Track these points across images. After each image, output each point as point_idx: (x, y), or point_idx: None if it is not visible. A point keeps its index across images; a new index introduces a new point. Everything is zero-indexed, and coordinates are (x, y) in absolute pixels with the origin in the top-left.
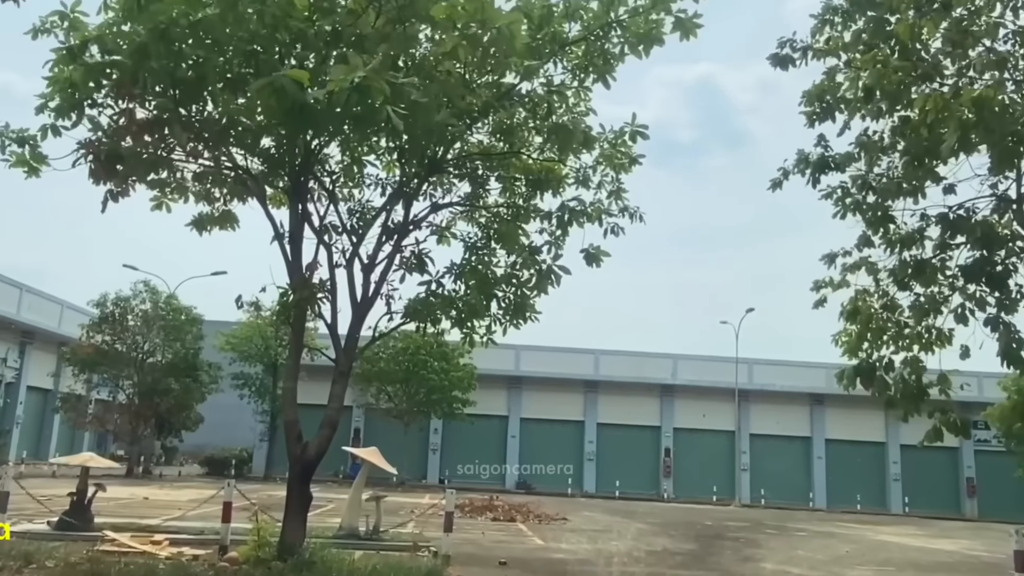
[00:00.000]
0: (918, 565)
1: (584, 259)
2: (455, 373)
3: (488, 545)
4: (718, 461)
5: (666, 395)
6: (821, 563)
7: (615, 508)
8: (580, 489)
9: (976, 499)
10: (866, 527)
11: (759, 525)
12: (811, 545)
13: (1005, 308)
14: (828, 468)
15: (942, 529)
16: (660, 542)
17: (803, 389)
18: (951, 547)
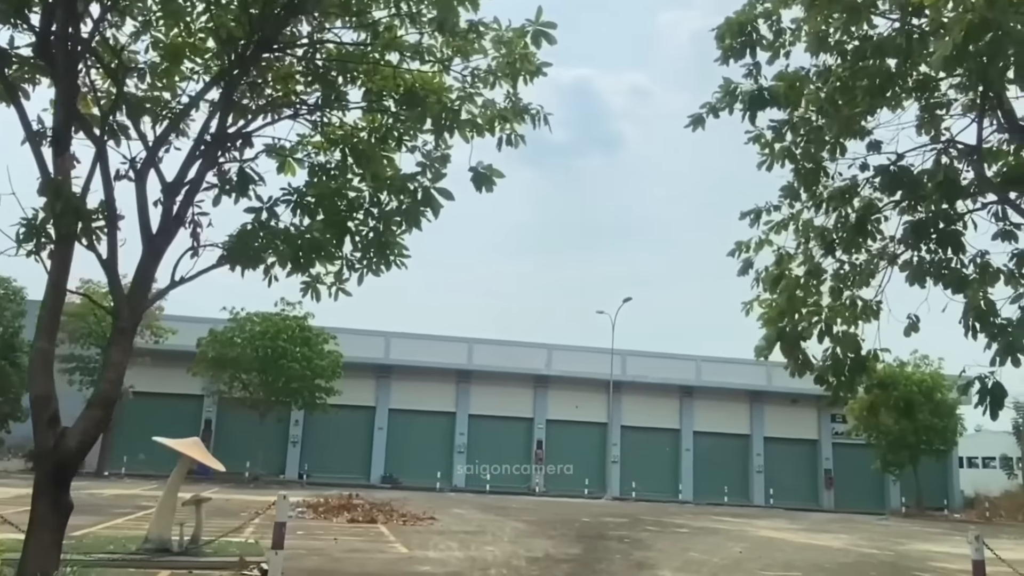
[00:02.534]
0: (822, 567)
1: (472, 181)
2: (319, 361)
3: (339, 556)
4: (590, 453)
5: (540, 386)
6: (721, 568)
7: (487, 504)
8: (450, 484)
9: (833, 490)
10: (741, 521)
11: (637, 522)
12: (700, 544)
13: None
14: (695, 461)
15: (812, 522)
16: (541, 546)
17: (674, 381)
18: (837, 543)
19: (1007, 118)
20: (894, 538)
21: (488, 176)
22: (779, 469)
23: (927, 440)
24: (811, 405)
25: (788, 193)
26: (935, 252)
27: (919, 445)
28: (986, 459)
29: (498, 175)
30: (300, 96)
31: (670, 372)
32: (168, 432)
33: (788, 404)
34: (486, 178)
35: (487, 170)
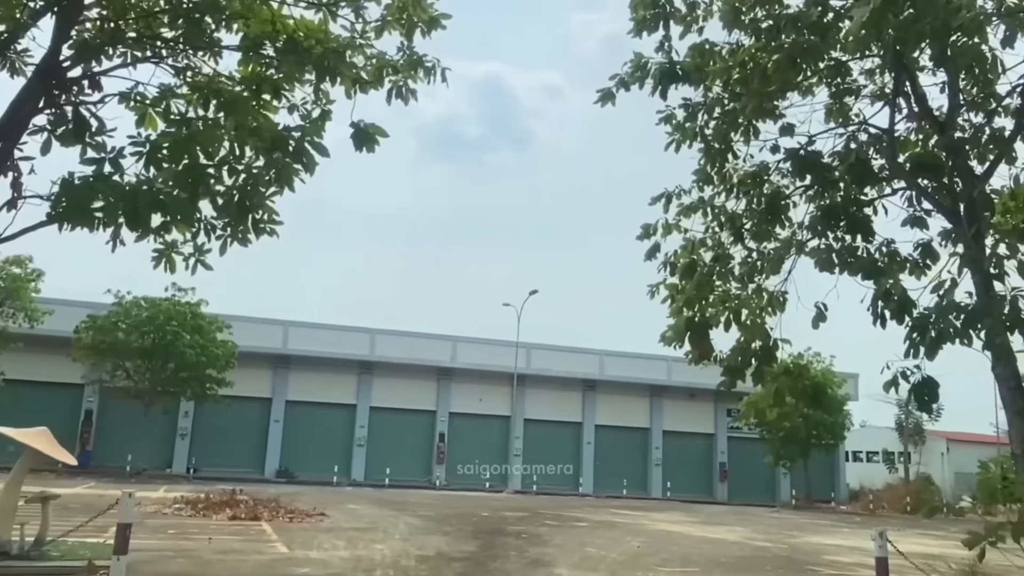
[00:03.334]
0: (719, 562)
1: (353, 138)
2: (212, 349)
3: (209, 559)
4: (492, 447)
5: (444, 378)
6: (619, 564)
7: (384, 499)
8: (348, 477)
9: (727, 483)
10: (639, 514)
11: (537, 516)
12: (598, 539)
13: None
14: (596, 454)
15: (708, 515)
16: (434, 543)
17: (577, 375)
18: (733, 537)
19: (919, 102)
20: (786, 530)
21: (370, 134)
22: (677, 462)
23: (817, 435)
24: (708, 400)
25: (699, 176)
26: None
27: (809, 440)
28: (870, 453)
29: (381, 133)
30: (164, 39)
31: (574, 366)
32: (43, 423)
33: (687, 398)
34: (368, 136)
35: (370, 127)
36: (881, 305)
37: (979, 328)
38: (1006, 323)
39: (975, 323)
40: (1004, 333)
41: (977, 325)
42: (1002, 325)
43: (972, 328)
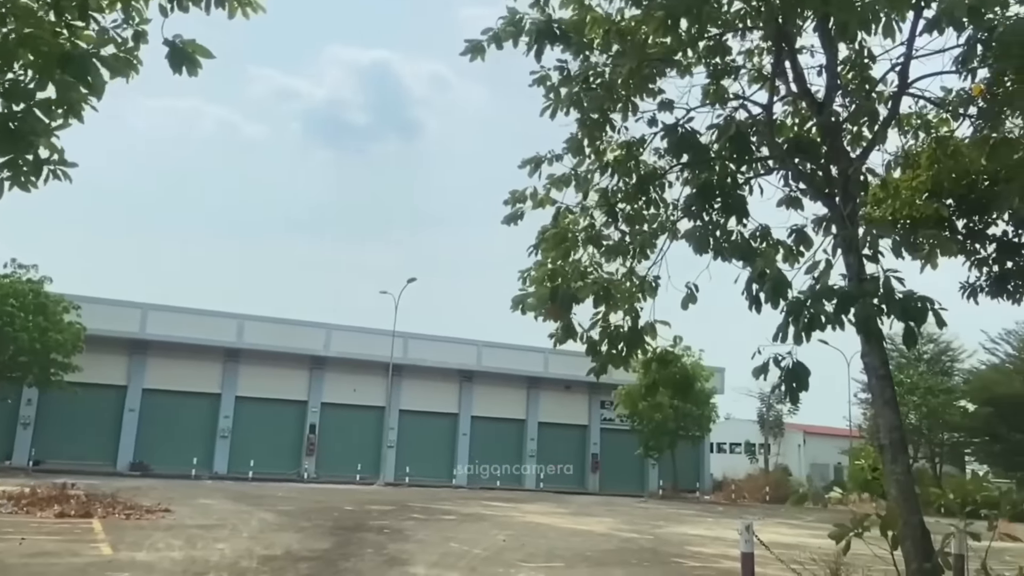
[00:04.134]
0: (585, 556)
1: (168, 58)
2: (55, 333)
3: (11, 563)
4: (366, 438)
5: (316, 367)
6: (481, 560)
7: (244, 492)
8: (210, 470)
9: (599, 474)
10: (510, 506)
11: (405, 508)
12: (464, 533)
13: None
14: (472, 445)
15: (579, 506)
16: (285, 541)
17: (454, 366)
18: (602, 528)
19: (797, 81)
20: (653, 521)
21: (189, 53)
22: (551, 453)
23: (685, 427)
24: (583, 391)
25: (571, 146)
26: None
27: (678, 431)
28: (733, 445)
29: (204, 53)
30: None
31: (451, 356)
32: None
33: (562, 390)
34: (186, 55)
35: (188, 45)
36: (756, 288)
37: (851, 312)
38: (878, 307)
39: (848, 307)
40: (876, 317)
41: (850, 309)
42: (874, 308)
43: (844, 312)
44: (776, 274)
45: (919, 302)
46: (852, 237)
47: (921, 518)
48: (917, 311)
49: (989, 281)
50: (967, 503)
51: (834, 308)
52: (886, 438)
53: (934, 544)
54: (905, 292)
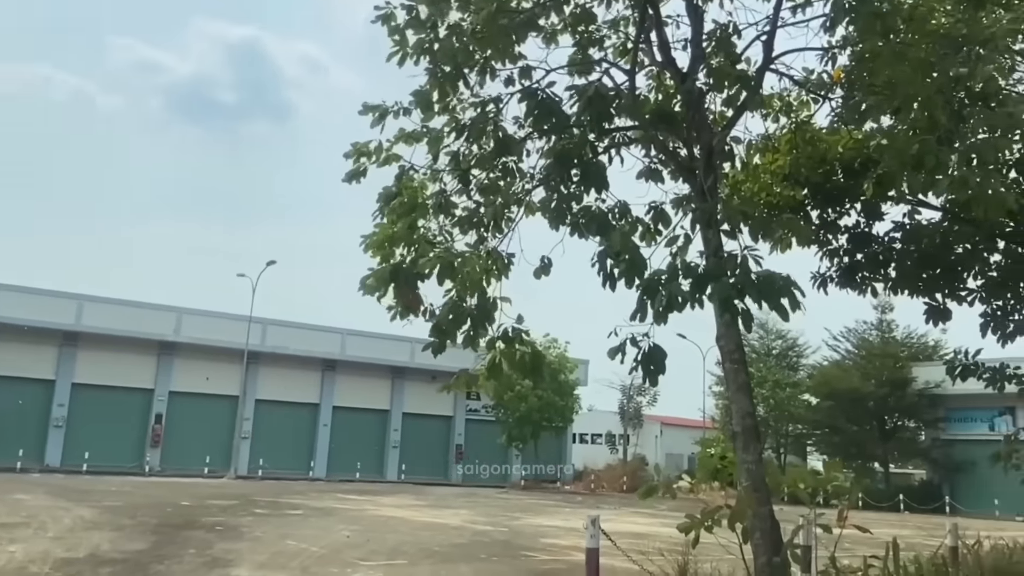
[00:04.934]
0: (432, 552)
1: None
2: None
3: None
4: (218, 429)
5: (165, 353)
6: (316, 560)
7: (71, 487)
8: (40, 463)
9: (462, 464)
10: (366, 499)
11: (249, 503)
12: (307, 529)
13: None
14: (332, 436)
15: (438, 497)
16: (94, 541)
17: (316, 354)
18: (456, 521)
19: (662, 49)
20: (511, 512)
21: None
22: (414, 444)
23: (549, 417)
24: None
25: (419, 100)
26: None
27: (541, 422)
28: (595, 435)
29: None
30: None
31: (313, 344)
32: None
33: (428, 380)
34: None
35: None
36: (610, 264)
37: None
38: (735, 286)
39: (705, 285)
40: (733, 297)
41: (707, 288)
42: (732, 288)
43: (701, 291)
44: (633, 252)
45: (778, 282)
46: (711, 211)
47: (771, 509)
48: (775, 291)
49: (839, 271)
50: (817, 492)
51: (690, 287)
52: (738, 425)
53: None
54: (763, 272)
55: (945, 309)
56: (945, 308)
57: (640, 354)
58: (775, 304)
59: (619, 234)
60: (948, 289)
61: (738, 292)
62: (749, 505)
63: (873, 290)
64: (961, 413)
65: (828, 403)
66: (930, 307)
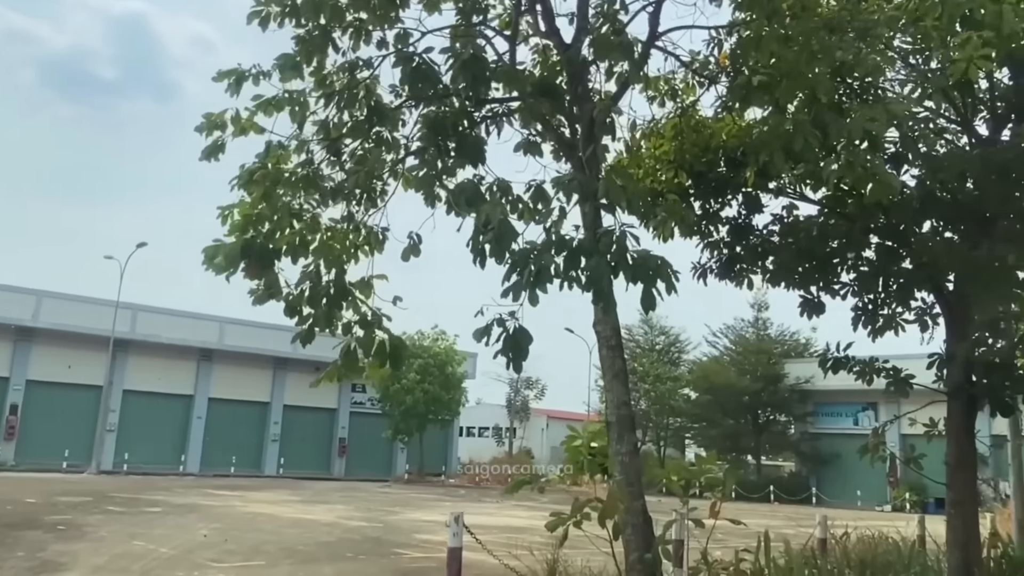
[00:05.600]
0: (295, 552)
1: None
2: None
3: None
4: (81, 421)
5: (22, 339)
6: (163, 562)
7: None
8: None
9: (346, 458)
10: (237, 494)
11: (104, 500)
12: (160, 528)
13: None
14: (207, 429)
15: (316, 492)
16: None
17: (192, 343)
18: (329, 517)
19: (545, 17)
20: (390, 507)
21: None
22: (296, 438)
23: (435, 410)
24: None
25: (284, 64)
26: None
27: (428, 415)
28: (482, 429)
29: None
30: None
31: (188, 333)
32: None
33: (312, 372)
34: None
35: None
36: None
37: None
38: (609, 264)
39: (578, 261)
40: (609, 275)
41: (580, 264)
42: (606, 265)
43: (575, 267)
44: (503, 223)
45: (654, 263)
46: (589, 184)
47: (644, 504)
48: (651, 272)
49: (719, 263)
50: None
51: (563, 261)
52: (613, 414)
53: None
54: (640, 251)
55: (819, 302)
56: (819, 301)
57: (503, 336)
58: (650, 285)
59: (489, 204)
60: (823, 282)
61: (612, 269)
62: (621, 499)
63: (750, 282)
64: (828, 408)
65: (706, 397)
66: (805, 300)
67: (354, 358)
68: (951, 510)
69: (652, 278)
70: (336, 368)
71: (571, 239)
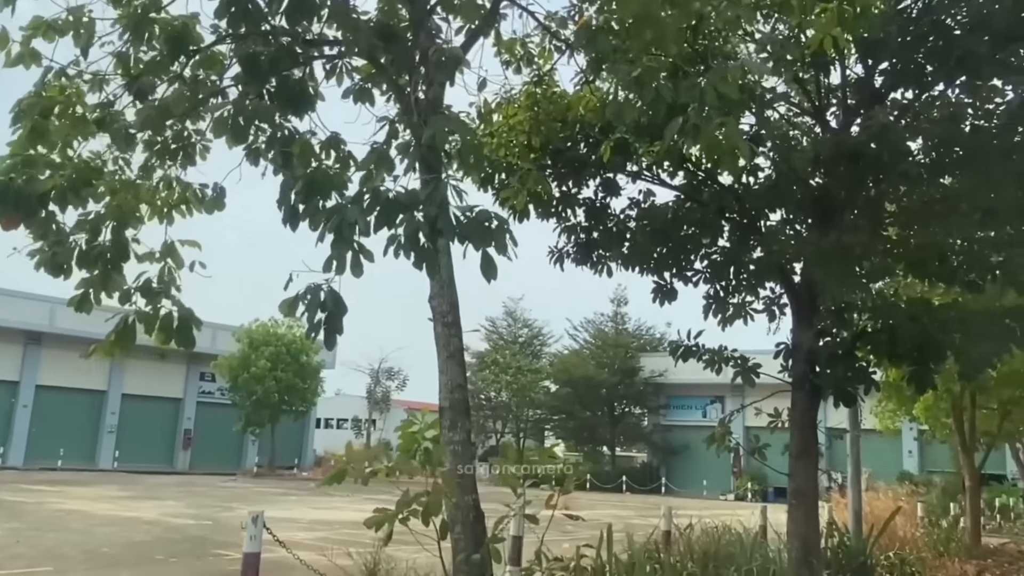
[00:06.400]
0: (97, 555)
1: None
2: None
3: None
4: None
5: None
6: None
7: None
8: None
9: (191, 451)
10: (56, 490)
11: None
12: None
13: None
14: (34, 418)
15: (149, 487)
16: None
17: (17, 325)
18: (152, 514)
19: None
20: (228, 502)
21: None
22: (135, 429)
23: (289, 401)
24: (181, 361)
25: None
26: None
27: (281, 406)
28: (340, 420)
29: None
30: None
31: (13, 313)
32: None
33: (156, 359)
34: None
35: None
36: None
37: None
38: (431, 220)
39: (392, 217)
40: (427, 233)
41: (397, 220)
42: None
43: (389, 224)
44: (309, 178)
45: (486, 221)
46: (416, 128)
47: (476, 498)
48: (483, 233)
49: (576, 248)
50: (528, 475)
51: (376, 218)
52: (446, 399)
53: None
54: (470, 208)
55: (672, 289)
56: (672, 288)
57: (314, 306)
58: (482, 247)
59: (299, 144)
60: (676, 268)
61: (434, 228)
62: (451, 493)
63: (608, 270)
64: (680, 401)
65: (566, 390)
66: (658, 286)
67: (131, 333)
68: (793, 500)
69: (487, 239)
70: (109, 342)
71: (386, 191)
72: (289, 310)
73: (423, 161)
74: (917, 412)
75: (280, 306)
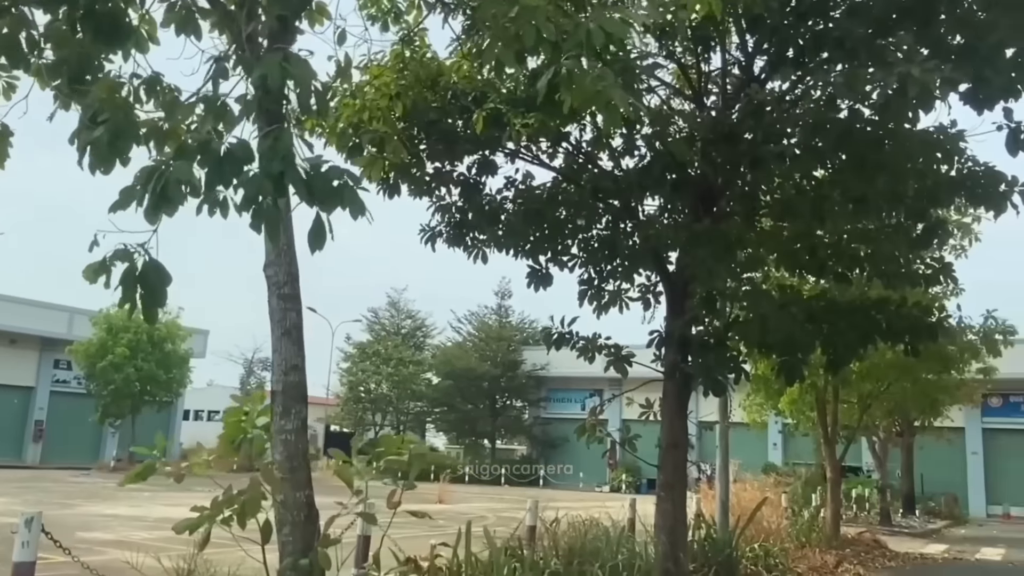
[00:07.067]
0: None
1: None
2: None
3: None
4: None
5: None
6: None
7: None
8: None
9: (43, 444)
10: None
11: None
12: None
13: None
14: None
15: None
16: None
17: None
18: None
19: None
20: (69, 499)
21: None
22: None
23: (152, 391)
24: (33, 347)
25: None
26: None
27: (143, 396)
28: (212, 412)
29: None
30: None
31: None
32: None
33: (6, 344)
34: None
35: None
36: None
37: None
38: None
39: (230, 175)
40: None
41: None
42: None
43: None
44: (120, 114)
45: (336, 177)
46: (247, 64)
47: (310, 494)
48: (332, 191)
49: (449, 228)
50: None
51: (207, 176)
52: (279, 381)
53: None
54: (318, 162)
55: (547, 274)
56: (547, 273)
57: (127, 273)
58: (331, 207)
59: (103, 84)
60: (552, 252)
61: (276, 185)
62: (276, 490)
63: (483, 254)
64: (560, 394)
65: (448, 382)
66: (532, 271)
67: None
68: (661, 492)
69: (335, 198)
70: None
71: (217, 145)
72: (94, 276)
73: (261, 108)
74: (783, 406)
75: (84, 271)
